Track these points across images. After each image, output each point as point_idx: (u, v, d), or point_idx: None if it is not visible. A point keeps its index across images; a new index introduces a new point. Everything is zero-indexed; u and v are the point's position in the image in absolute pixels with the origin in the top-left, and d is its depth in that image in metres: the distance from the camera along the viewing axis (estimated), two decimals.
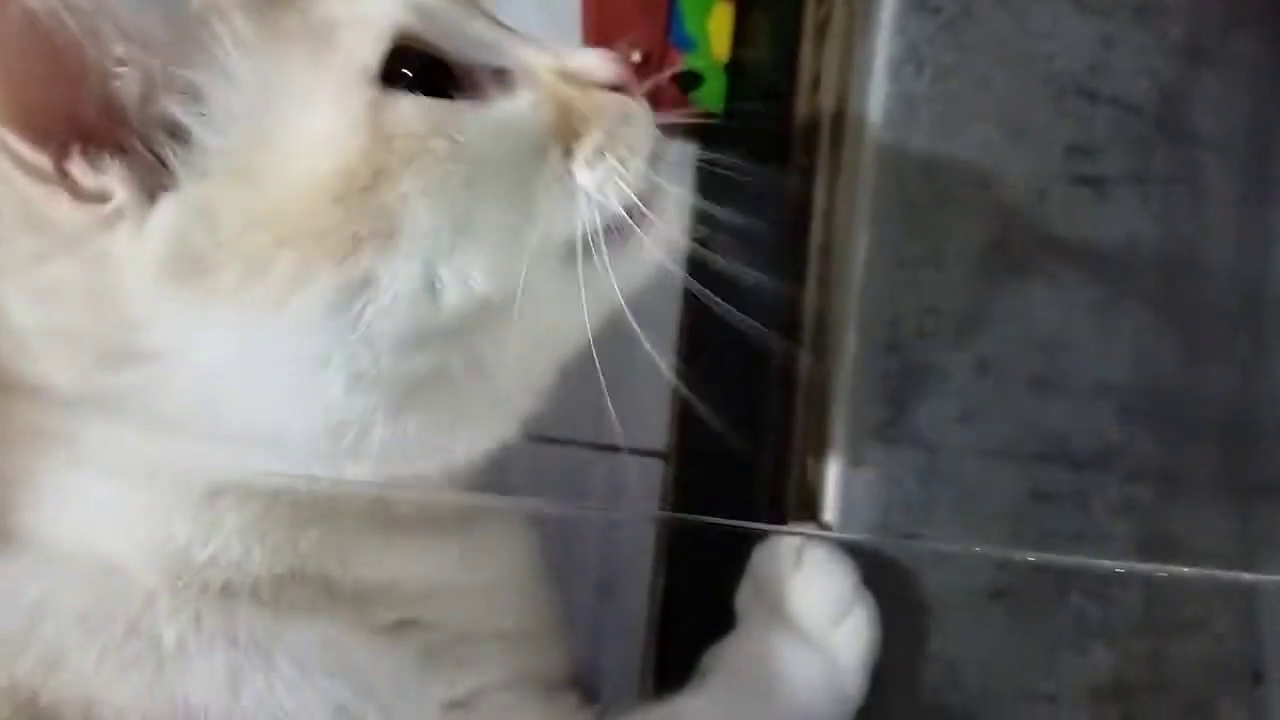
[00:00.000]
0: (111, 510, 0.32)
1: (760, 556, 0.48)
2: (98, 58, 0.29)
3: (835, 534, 0.48)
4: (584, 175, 0.35)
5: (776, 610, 0.46)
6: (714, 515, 0.63)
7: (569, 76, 0.36)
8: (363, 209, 0.31)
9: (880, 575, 0.48)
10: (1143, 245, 0.54)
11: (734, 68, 0.64)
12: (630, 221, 0.35)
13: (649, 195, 0.36)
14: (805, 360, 0.51)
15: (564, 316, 0.35)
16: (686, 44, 0.64)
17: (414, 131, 0.32)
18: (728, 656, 0.45)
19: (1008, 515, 0.51)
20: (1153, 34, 0.55)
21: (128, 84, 0.30)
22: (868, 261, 0.51)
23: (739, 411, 0.58)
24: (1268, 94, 0.57)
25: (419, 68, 0.33)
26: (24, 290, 0.30)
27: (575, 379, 0.40)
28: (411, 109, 0.32)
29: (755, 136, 0.62)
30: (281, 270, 0.30)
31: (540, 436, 0.63)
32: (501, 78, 0.35)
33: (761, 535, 0.49)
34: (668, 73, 0.63)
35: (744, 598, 0.48)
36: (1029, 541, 0.51)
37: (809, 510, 0.51)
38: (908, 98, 0.51)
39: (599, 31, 0.62)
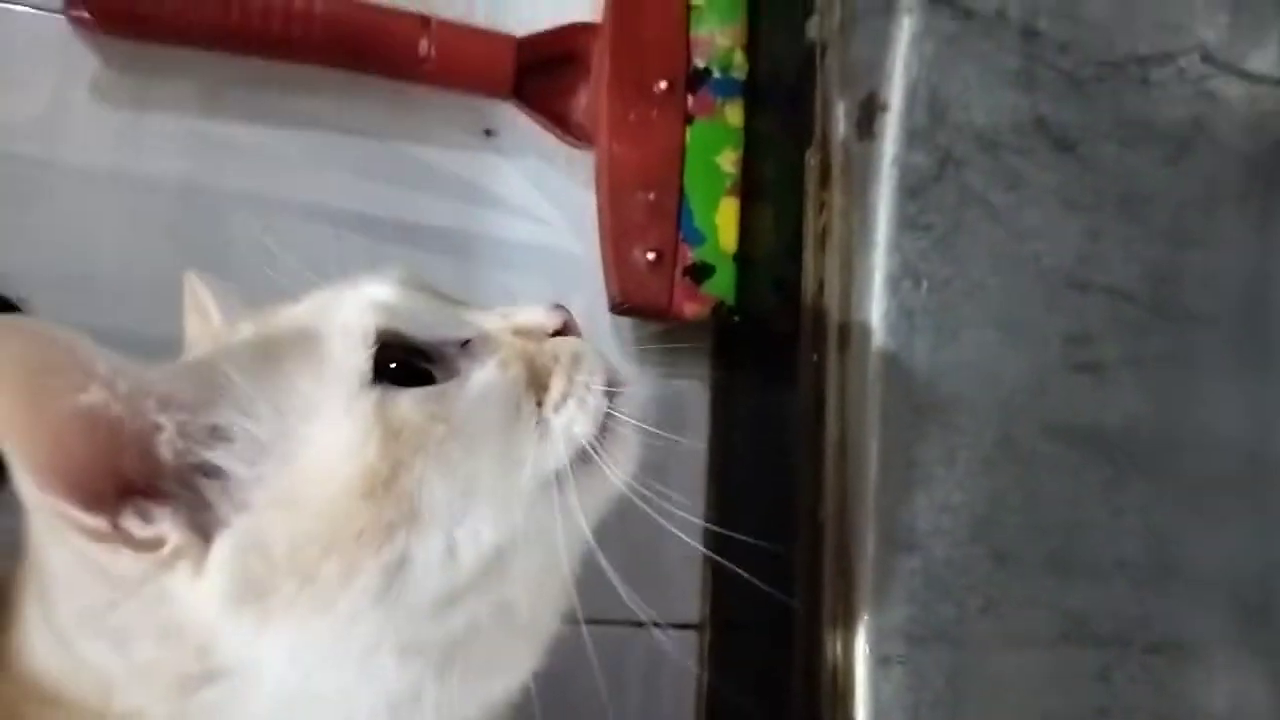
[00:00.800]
0: None
1: None
2: (137, 427, 0.33)
3: None
4: (553, 418, 0.39)
5: None
6: (749, 684, 0.65)
7: (522, 331, 0.40)
8: (389, 499, 0.34)
9: None
10: (1143, 423, 0.57)
11: (742, 258, 0.68)
12: (592, 451, 0.39)
13: (608, 427, 0.40)
14: (828, 563, 0.54)
15: (563, 540, 0.39)
16: (696, 238, 0.68)
17: (417, 423, 0.35)
18: None
19: (1033, 701, 0.53)
20: (1139, 224, 0.58)
21: (165, 441, 0.33)
22: (881, 464, 0.54)
23: (771, 586, 0.61)
24: (1255, 267, 0.60)
25: (402, 358, 0.37)
26: (101, 636, 0.33)
27: (608, 557, 0.43)
28: (410, 403, 0.35)
29: (768, 325, 0.66)
30: (329, 574, 0.33)
31: (577, 619, 0.66)
32: (467, 348, 0.39)
33: None
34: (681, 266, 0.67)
35: None
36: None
37: (843, 708, 0.53)
38: (907, 310, 0.54)
39: (615, 233, 0.66)
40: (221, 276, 0.44)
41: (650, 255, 0.65)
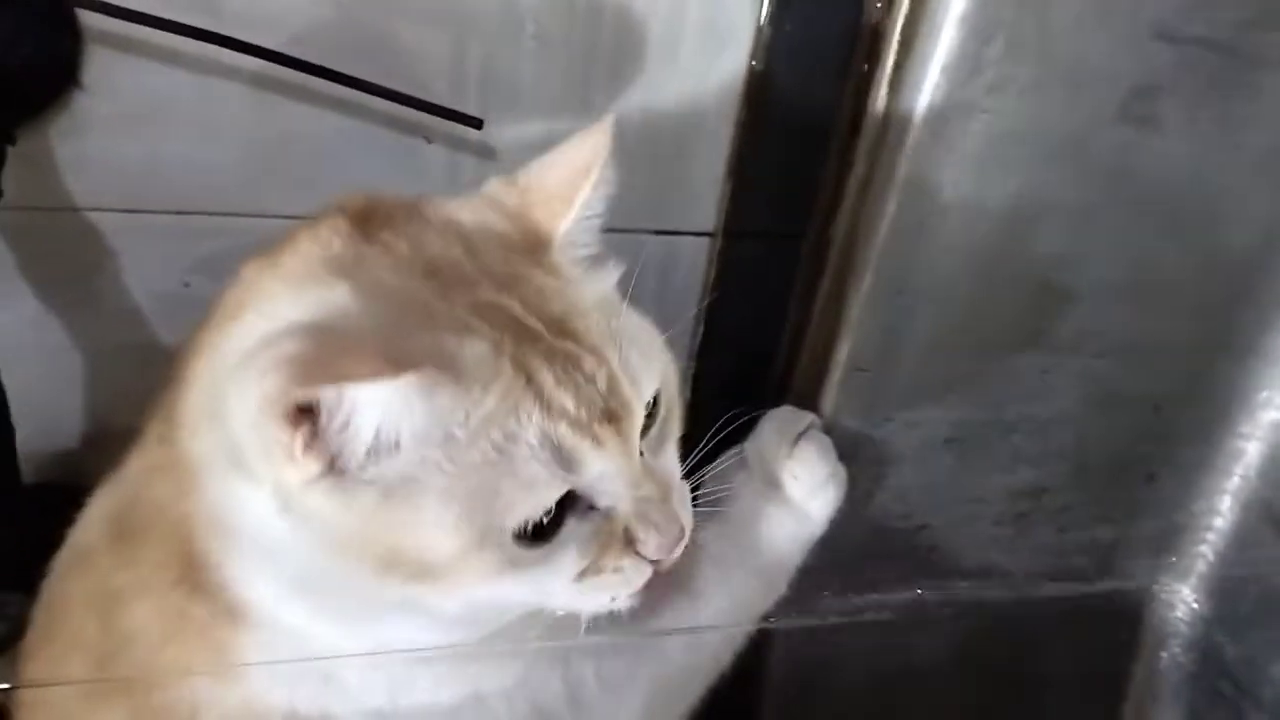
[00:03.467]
0: None
1: (766, 428, 0.60)
2: None
3: None
4: (582, 594, 0.41)
5: (770, 476, 0.59)
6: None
7: (630, 544, 0.41)
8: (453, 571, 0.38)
9: (859, 444, 0.62)
10: (1173, 178, 0.56)
11: None
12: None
13: None
14: (826, 281, 0.58)
15: None
16: None
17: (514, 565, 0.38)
18: (729, 512, 0.60)
19: (969, 395, 0.62)
20: None
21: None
22: (898, 206, 0.55)
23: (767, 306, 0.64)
24: None
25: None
26: None
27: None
28: (522, 558, 0.38)
29: None
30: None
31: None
32: (585, 507, 0.40)
33: (775, 403, 0.61)
34: None
35: (750, 447, 0.61)
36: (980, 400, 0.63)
37: (809, 398, 0.62)
38: (972, 64, 0.50)
39: None
40: None
41: None
